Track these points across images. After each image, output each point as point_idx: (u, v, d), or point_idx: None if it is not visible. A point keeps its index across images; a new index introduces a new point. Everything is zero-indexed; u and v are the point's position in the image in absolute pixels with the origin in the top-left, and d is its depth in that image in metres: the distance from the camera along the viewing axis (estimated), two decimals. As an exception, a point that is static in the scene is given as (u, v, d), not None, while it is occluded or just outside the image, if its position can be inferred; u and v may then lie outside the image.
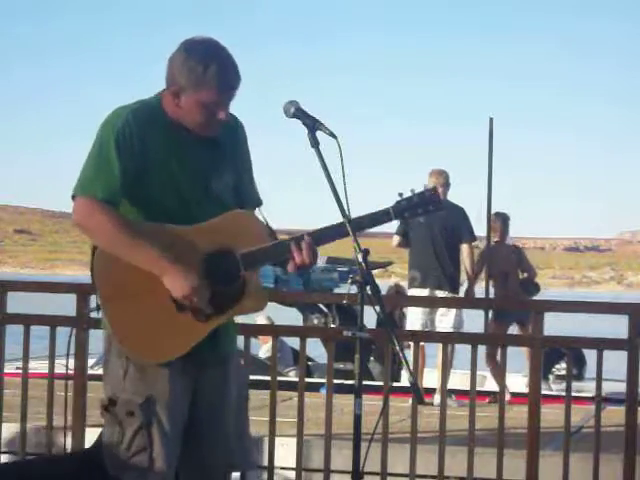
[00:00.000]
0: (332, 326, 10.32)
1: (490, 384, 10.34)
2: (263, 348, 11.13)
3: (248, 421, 3.83)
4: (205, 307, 3.51)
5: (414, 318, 9.08)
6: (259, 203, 3.80)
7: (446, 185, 9.00)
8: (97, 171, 3.50)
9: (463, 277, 9.57)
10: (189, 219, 3.56)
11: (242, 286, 3.56)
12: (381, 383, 6.85)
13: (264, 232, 3.64)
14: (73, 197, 3.52)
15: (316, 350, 9.89)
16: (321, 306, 11.06)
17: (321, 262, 11.30)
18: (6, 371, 5.82)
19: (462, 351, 7.25)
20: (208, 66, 3.51)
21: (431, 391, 8.41)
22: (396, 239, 9.33)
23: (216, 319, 3.56)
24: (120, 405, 3.55)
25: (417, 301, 8.44)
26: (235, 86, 3.59)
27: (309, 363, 11.09)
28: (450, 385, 6.21)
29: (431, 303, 8.75)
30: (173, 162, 3.57)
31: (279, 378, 5.72)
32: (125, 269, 3.49)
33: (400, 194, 3.57)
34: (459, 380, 9.00)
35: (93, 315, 5.51)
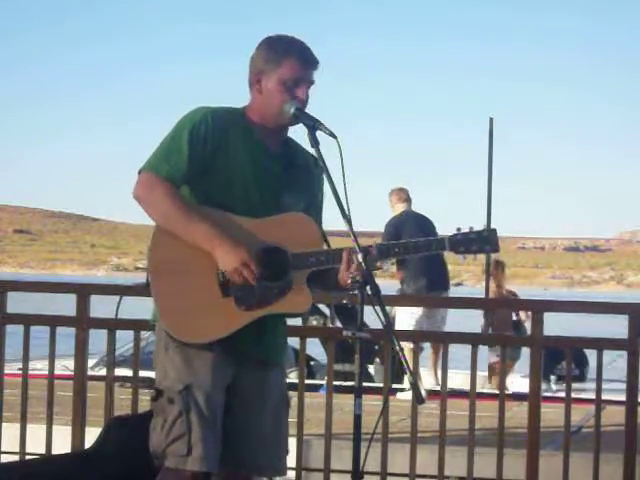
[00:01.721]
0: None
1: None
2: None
3: (286, 430, 3.83)
4: (253, 282, 3.49)
5: (412, 320, 9.16)
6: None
7: (408, 200, 9.84)
8: (166, 153, 3.58)
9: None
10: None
11: (288, 285, 3.58)
12: (382, 385, 6.85)
13: (320, 238, 3.67)
14: (139, 173, 3.59)
15: (316, 350, 9.89)
16: (321, 308, 11.04)
17: None
18: (8, 372, 5.81)
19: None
20: (289, 46, 3.62)
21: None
22: None
23: (256, 311, 3.57)
24: (163, 394, 3.59)
25: (416, 301, 8.43)
26: (315, 65, 3.65)
27: (311, 363, 11.08)
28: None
29: (429, 303, 8.74)
30: (247, 169, 3.62)
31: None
32: (179, 247, 3.53)
33: (458, 229, 3.61)
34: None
35: (94, 315, 5.53)
